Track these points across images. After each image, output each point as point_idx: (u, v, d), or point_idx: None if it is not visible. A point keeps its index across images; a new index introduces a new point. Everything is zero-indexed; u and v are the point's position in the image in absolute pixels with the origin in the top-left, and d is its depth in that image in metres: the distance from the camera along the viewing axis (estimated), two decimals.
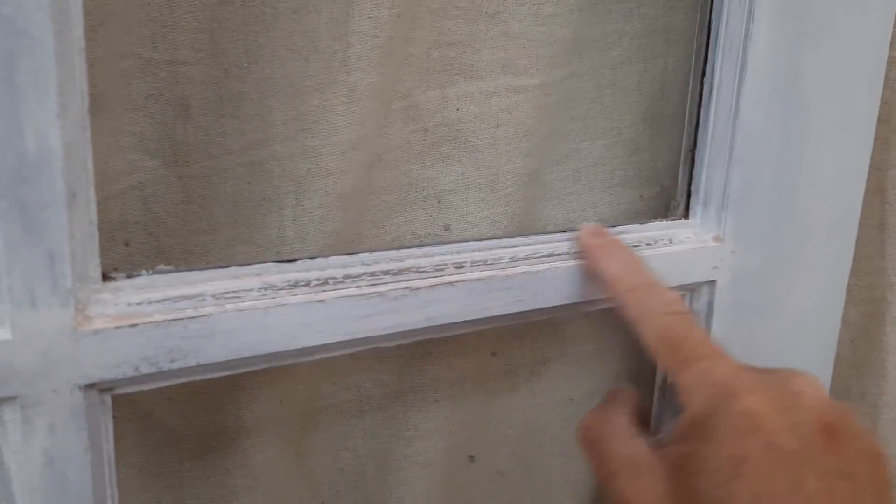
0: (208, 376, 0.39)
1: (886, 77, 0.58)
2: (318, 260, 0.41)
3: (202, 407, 0.49)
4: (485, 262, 0.46)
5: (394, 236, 0.52)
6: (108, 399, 0.36)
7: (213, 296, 0.38)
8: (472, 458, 0.58)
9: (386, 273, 0.43)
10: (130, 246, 0.44)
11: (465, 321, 0.45)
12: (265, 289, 0.39)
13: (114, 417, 0.37)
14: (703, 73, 0.54)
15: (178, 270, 0.38)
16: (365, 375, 0.54)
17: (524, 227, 0.55)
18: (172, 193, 0.46)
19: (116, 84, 0.44)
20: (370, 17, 0.45)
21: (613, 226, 0.52)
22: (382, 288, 0.42)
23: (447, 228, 0.53)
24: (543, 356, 0.60)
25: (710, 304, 0.55)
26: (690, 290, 0.55)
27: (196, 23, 0.44)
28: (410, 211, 0.52)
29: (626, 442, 0.43)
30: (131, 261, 0.46)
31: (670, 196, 0.58)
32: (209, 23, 0.44)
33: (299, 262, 0.41)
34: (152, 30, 0.44)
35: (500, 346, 0.58)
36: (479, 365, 0.58)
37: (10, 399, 0.33)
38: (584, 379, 0.61)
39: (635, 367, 0.62)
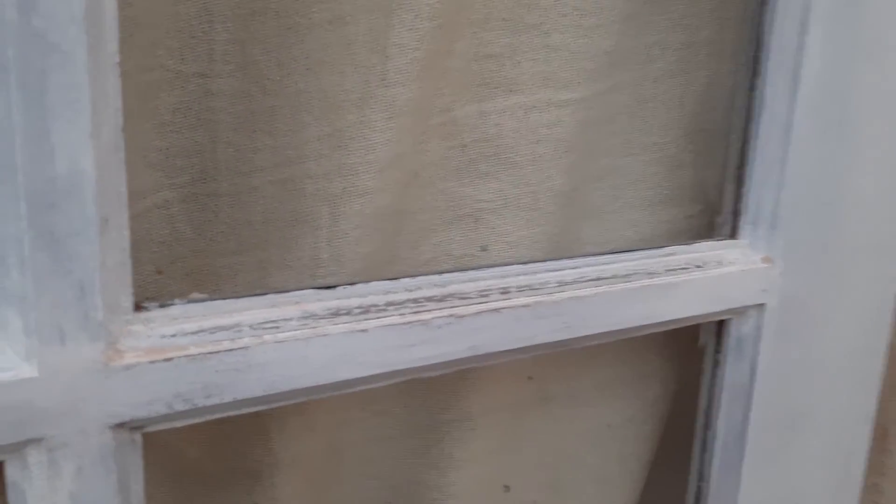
0: (244, 411, 0.36)
1: None
2: (359, 286, 0.39)
3: (229, 435, 0.47)
4: (530, 287, 0.43)
5: (429, 257, 0.50)
6: (138, 438, 0.34)
7: (250, 326, 0.35)
8: (507, 488, 0.56)
9: (429, 300, 0.40)
10: (161, 273, 0.42)
11: (510, 350, 0.43)
12: (305, 318, 0.37)
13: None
14: (752, 87, 0.51)
15: (212, 299, 0.36)
16: (396, 402, 0.52)
17: (563, 247, 0.53)
18: (200, 212, 0.44)
19: (143, 98, 0.41)
20: (411, 29, 0.43)
21: (660, 246, 0.50)
22: (426, 316, 0.39)
23: (484, 249, 0.51)
24: (581, 381, 0.57)
25: (759, 329, 0.53)
26: (737, 313, 0.53)
27: (227, 34, 0.42)
28: (447, 231, 0.50)
29: None
30: (157, 284, 0.43)
31: (713, 214, 0.56)
32: (240, 34, 0.42)
33: (339, 288, 0.39)
34: (181, 41, 0.42)
35: (536, 371, 0.56)
36: (514, 390, 0.55)
37: (36, 441, 0.31)
38: (624, 404, 0.58)
39: (676, 392, 0.60)
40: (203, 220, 0.44)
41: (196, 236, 0.44)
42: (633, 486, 0.60)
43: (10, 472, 0.32)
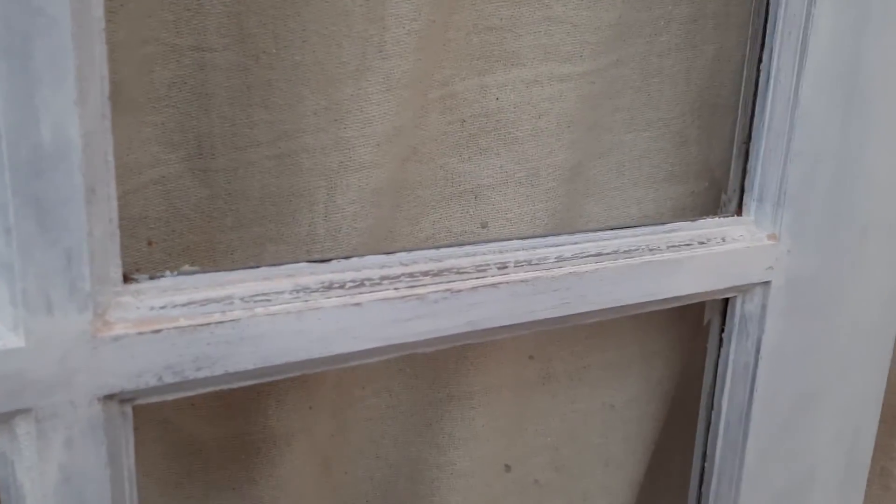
0: (236, 385, 0.36)
1: None
2: (354, 260, 0.39)
3: (225, 412, 0.46)
4: (529, 263, 0.43)
5: (428, 234, 0.49)
6: (128, 410, 0.34)
7: (241, 298, 0.35)
8: (508, 468, 0.56)
9: (425, 274, 0.40)
10: (153, 245, 0.41)
11: (508, 325, 0.42)
12: (297, 291, 0.36)
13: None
14: (760, 61, 0.50)
15: (204, 271, 0.35)
16: (396, 380, 0.52)
17: (565, 225, 0.52)
18: (196, 188, 0.43)
19: (137, 71, 0.41)
20: (408, 0, 0.42)
21: (663, 223, 0.49)
22: (422, 290, 0.39)
23: (484, 226, 0.50)
24: (583, 360, 0.56)
25: (764, 307, 0.52)
26: (742, 291, 0.52)
27: (222, 6, 0.41)
28: (446, 207, 0.49)
29: None
30: (152, 260, 0.43)
31: (720, 191, 0.55)
32: (236, 6, 0.42)
33: (333, 261, 0.38)
34: (176, 13, 0.41)
35: (537, 350, 0.55)
36: (515, 369, 0.55)
37: (24, 412, 0.31)
38: (626, 384, 0.58)
39: (681, 372, 0.59)
40: (199, 196, 0.44)
41: (192, 212, 0.43)
42: (636, 467, 0.59)
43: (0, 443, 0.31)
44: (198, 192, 0.43)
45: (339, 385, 0.50)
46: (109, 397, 0.32)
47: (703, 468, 0.56)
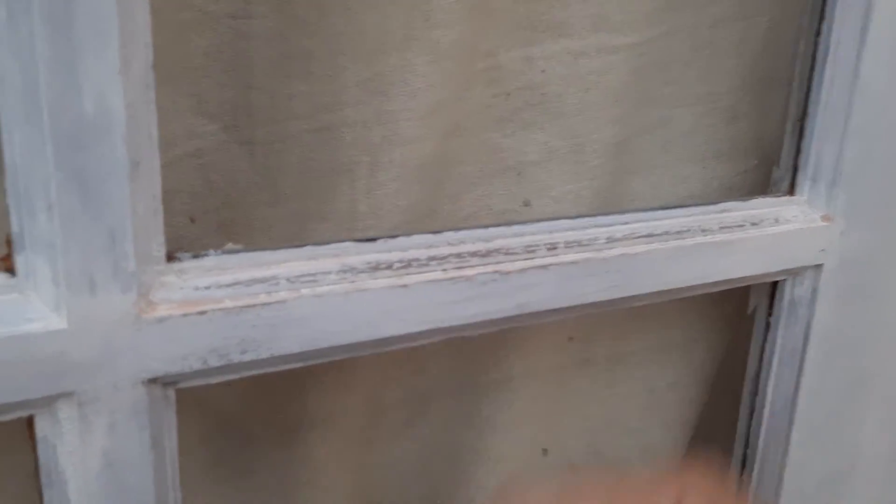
0: (281, 368, 0.35)
1: None
2: (400, 239, 0.37)
3: (263, 393, 0.45)
4: (579, 243, 0.41)
5: (469, 212, 0.47)
6: (171, 394, 0.33)
7: (287, 279, 0.34)
8: (545, 452, 0.54)
9: (473, 255, 0.38)
10: (195, 221, 0.40)
11: (557, 309, 0.40)
12: (344, 271, 0.35)
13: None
14: (818, 33, 0.48)
15: (248, 250, 0.34)
16: (433, 361, 0.50)
17: (610, 203, 0.50)
18: (233, 161, 0.42)
19: (173, 41, 0.39)
20: None
21: (714, 202, 0.47)
22: (470, 272, 0.37)
23: (527, 204, 0.49)
24: (623, 342, 0.55)
25: (815, 291, 0.50)
26: (793, 274, 0.50)
27: None
28: (488, 184, 0.47)
29: None
30: (188, 236, 0.41)
31: (769, 169, 0.53)
32: None
33: (380, 241, 0.37)
34: None
35: (577, 331, 0.54)
36: (554, 351, 0.53)
37: (67, 395, 0.29)
38: (667, 368, 0.56)
39: (722, 357, 0.58)
40: (236, 170, 0.42)
41: (229, 186, 0.42)
42: (675, 452, 0.58)
43: (41, 427, 0.30)
44: (235, 166, 0.42)
45: (376, 365, 0.48)
46: (153, 381, 0.31)
47: (745, 454, 0.55)
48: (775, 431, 0.54)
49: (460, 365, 0.51)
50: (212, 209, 0.42)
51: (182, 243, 0.40)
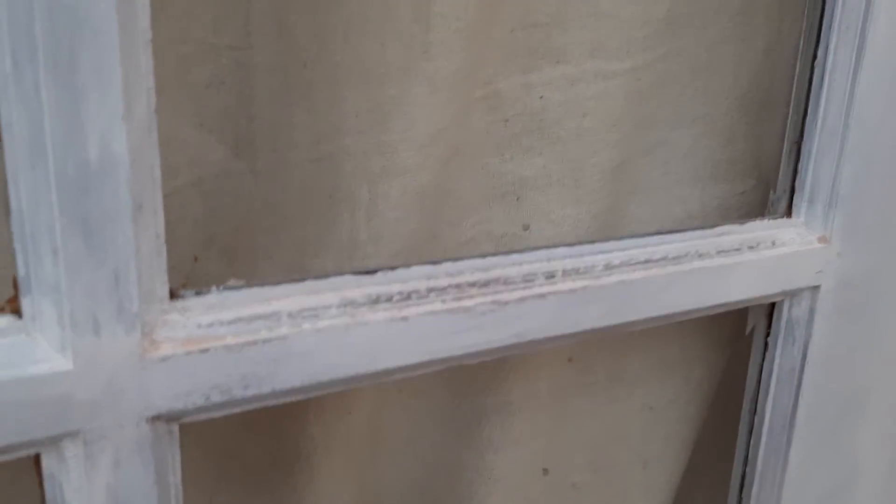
0: (281, 401, 0.35)
1: None
2: (400, 271, 0.37)
3: (264, 420, 0.46)
4: (577, 271, 0.41)
5: (469, 236, 0.48)
6: (175, 429, 0.33)
7: (288, 314, 0.34)
8: (546, 471, 0.55)
9: (472, 285, 0.39)
10: (199, 262, 0.40)
11: (554, 336, 0.41)
12: (344, 305, 0.35)
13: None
14: (815, 57, 0.48)
15: (250, 286, 0.34)
16: (433, 383, 0.51)
17: (609, 226, 0.51)
18: (235, 190, 0.42)
19: (174, 72, 0.40)
20: None
21: (711, 226, 0.47)
22: (469, 302, 0.38)
23: (526, 228, 0.49)
24: (622, 362, 0.55)
25: (812, 311, 0.51)
26: (790, 295, 0.51)
27: (261, 4, 0.40)
28: (487, 209, 0.48)
29: None
30: (190, 264, 0.42)
31: (767, 189, 0.53)
32: (275, 3, 0.40)
33: (379, 273, 0.37)
34: (214, 12, 0.40)
35: (576, 351, 0.54)
36: (554, 371, 0.53)
37: (72, 434, 0.30)
38: (665, 386, 0.57)
39: (720, 374, 0.58)
40: (237, 199, 0.42)
41: (230, 215, 0.42)
42: (675, 469, 0.58)
43: (47, 465, 0.31)
44: (236, 195, 0.42)
45: (377, 388, 0.49)
46: (157, 417, 0.31)
47: (744, 471, 0.55)
48: (774, 449, 0.54)
49: (460, 385, 0.52)
50: (213, 237, 0.42)
51: (184, 273, 0.40)
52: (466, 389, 0.52)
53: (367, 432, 0.49)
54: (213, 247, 0.42)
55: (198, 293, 0.33)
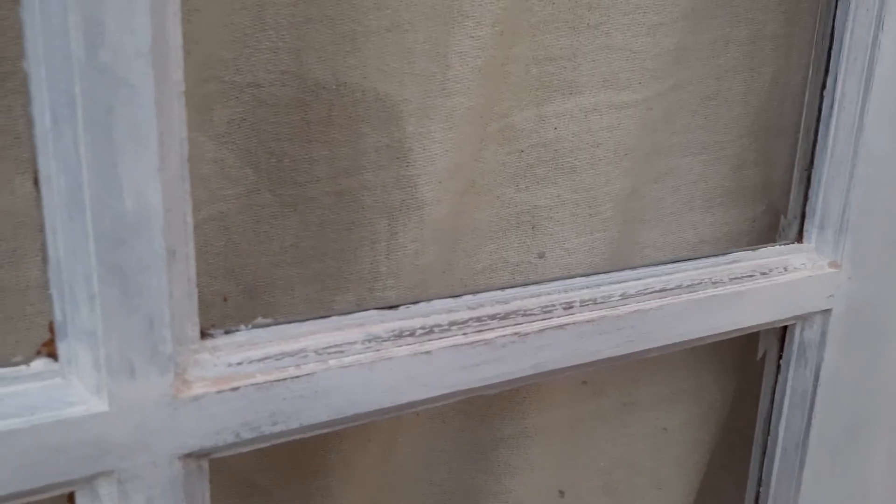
0: (308, 435, 0.36)
1: None
2: (422, 305, 0.38)
3: (285, 447, 0.47)
4: (594, 301, 0.42)
5: (485, 265, 0.49)
6: (205, 465, 0.34)
7: (315, 351, 0.35)
8: (561, 494, 0.55)
9: (492, 317, 0.39)
10: (228, 301, 0.41)
11: (573, 366, 0.42)
12: (369, 341, 0.36)
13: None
14: (823, 86, 0.49)
15: (277, 323, 0.35)
16: (452, 409, 0.51)
17: (622, 252, 0.52)
18: (256, 224, 0.43)
19: (197, 110, 0.41)
20: (472, 37, 0.42)
21: (724, 253, 0.48)
22: (489, 335, 0.39)
23: (542, 256, 0.50)
24: (636, 385, 0.56)
25: (823, 334, 0.51)
26: (802, 319, 0.51)
27: (281, 43, 0.41)
28: (503, 237, 0.49)
29: None
30: (218, 301, 0.43)
31: (777, 215, 0.54)
32: (295, 42, 0.41)
33: (402, 308, 0.38)
34: (235, 52, 0.41)
35: (590, 375, 0.55)
36: (568, 395, 0.54)
37: (107, 473, 0.31)
38: (679, 408, 0.57)
39: (733, 397, 0.59)
40: (259, 232, 0.43)
41: (252, 248, 0.43)
42: (688, 490, 0.59)
43: (81, 503, 0.32)
44: (257, 229, 0.43)
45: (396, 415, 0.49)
46: (188, 455, 0.32)
47: (758, 493, 0.56)
48: (787, 471, 0.55)
49: (477, 410, 0.52)
50: (235, 270, 0.43)
51: (212, 311, 0.41)
52: (483, 414, 0.52)
53: (387, 458, 0.50)
54: (235, 279, 0.43)
55: (227, 332, 0.34)
